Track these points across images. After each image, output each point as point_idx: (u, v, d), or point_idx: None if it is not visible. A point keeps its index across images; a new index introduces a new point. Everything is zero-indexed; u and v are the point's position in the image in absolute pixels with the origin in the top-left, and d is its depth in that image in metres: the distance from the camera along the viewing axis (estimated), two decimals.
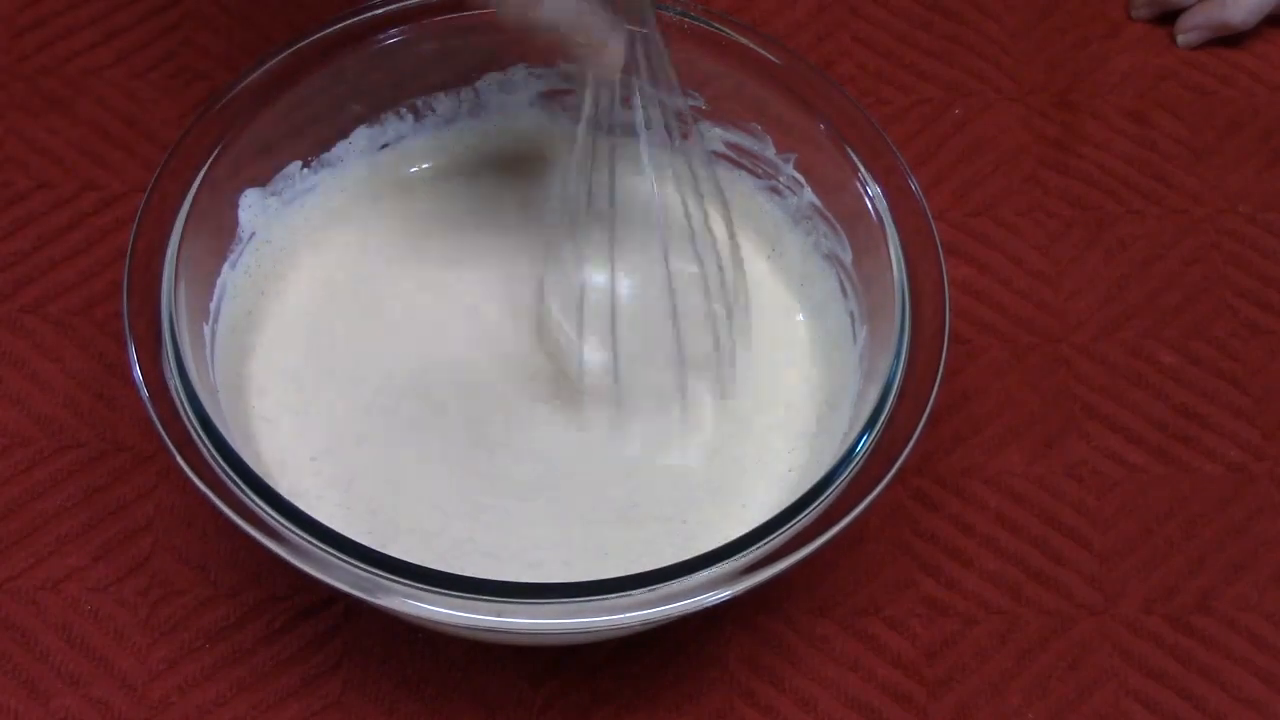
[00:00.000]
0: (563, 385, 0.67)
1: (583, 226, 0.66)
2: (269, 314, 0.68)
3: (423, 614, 0.56)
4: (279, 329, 0.68)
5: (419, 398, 0.67)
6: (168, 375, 0.59)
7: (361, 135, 0.71)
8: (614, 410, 0.67)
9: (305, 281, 0.69)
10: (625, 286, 0.67)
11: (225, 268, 0.66)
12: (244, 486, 0.57)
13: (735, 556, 0.57)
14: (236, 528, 0.57)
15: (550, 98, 0.72)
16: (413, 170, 0.72)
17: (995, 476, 0.71)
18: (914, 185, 0.66)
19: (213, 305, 0.65)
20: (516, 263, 0.70)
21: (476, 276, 0.70)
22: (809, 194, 0.70)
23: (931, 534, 0.69)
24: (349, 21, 0.68)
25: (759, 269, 0.71)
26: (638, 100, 0.63)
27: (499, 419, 0.66)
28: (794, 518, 0.58)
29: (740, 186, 0.72)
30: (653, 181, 0.64)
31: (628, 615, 0.56)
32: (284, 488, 0.62)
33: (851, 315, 0.68)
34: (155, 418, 0.59)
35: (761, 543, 0.57)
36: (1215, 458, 0.72)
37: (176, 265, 0.62)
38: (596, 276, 0.67)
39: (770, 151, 0.70)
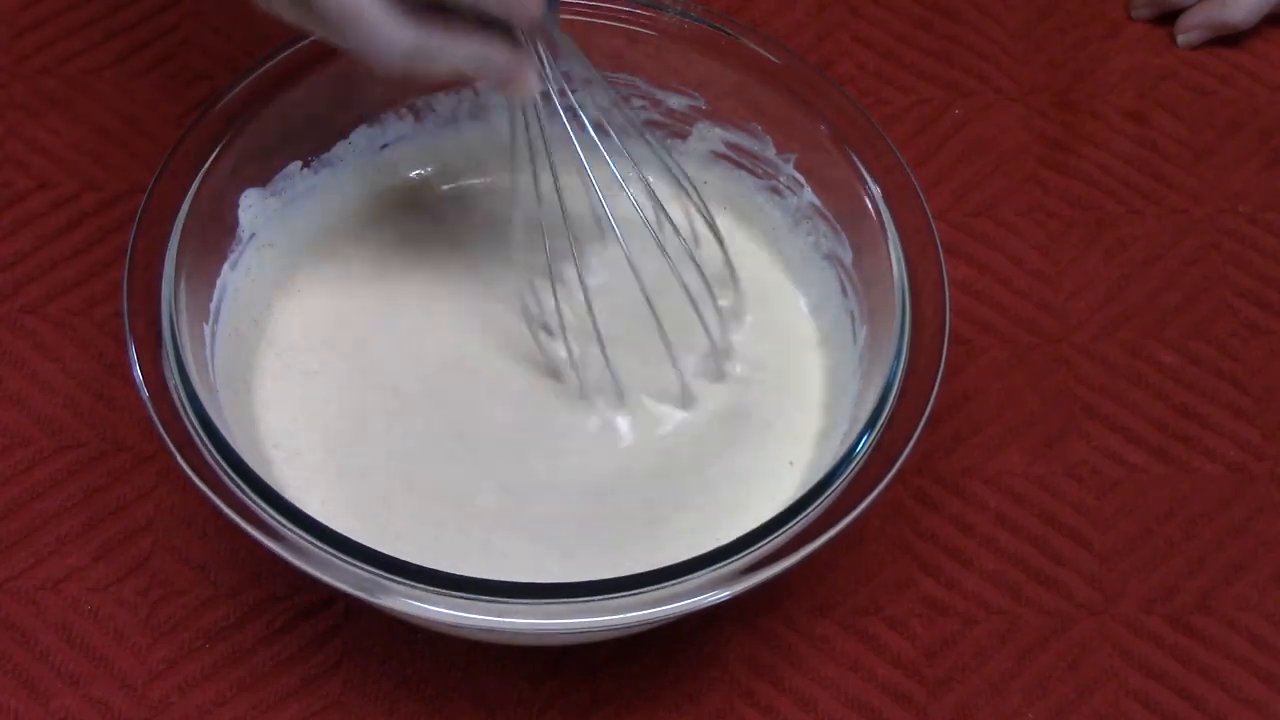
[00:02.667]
0: (563, 389, 0.67)
1: (547, 237, 0.65)
2: (270, 314, 0.68)
3: (423, 614, 0.56)
4: (279, 329, 0.68)
5: (420, 398, 0.67)
6: (168, 375, 0.59)
7: (361, 135, 0.71)
8: (612, 413, 0.67)
9: (306, 282, 0.69)
10: (598, 290, 0.66)
11: (225, 268, 0.66)
12: (244, 486, 0.57)
13: (735, 556, 0.57)
14: (236, 528, 0.57)
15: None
16: (413, 171, 0.72)
17: (995, 476, 0.71)
18: (914, 185, 0.66)
19: (213, 305, 0.65)
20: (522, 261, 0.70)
21: (479, 276, 0.70)
22: (809, 194, 0.69)
23: (931, 534, 0.69)
24: None
25: (759, 269, 0.71)
26: (559, 109, 0.63)
27: (500, 421, 0.66)
28: (794, 518, 0.58)
29: (740, 186, 0.72)
30: (594, 182, 0.63)
31: (628, 615, 0.56)
32: (284, 487, 0.62)
33: (851, 315, 0.68)
34: (155, 418, 0.59)
35: (761, 543, 0.57)
36: (1215, 458, 0.72)
37: (176, 265, 0.62)
38: (566, 285, 0.66)
39: (770, 151, 0.70)
